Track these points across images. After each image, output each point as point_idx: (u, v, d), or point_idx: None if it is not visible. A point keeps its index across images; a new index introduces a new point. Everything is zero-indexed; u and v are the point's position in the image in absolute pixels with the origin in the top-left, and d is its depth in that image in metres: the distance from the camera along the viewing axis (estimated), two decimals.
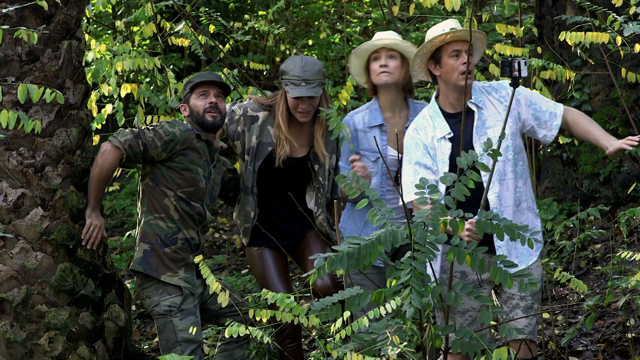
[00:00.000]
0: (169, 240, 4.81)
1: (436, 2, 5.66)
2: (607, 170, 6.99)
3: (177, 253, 4.82)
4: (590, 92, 7.19)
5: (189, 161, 4.79)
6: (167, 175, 4.80)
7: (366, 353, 3.63)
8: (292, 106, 4.95)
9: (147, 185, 4.86)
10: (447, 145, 4.41)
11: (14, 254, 4.69)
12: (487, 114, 4.42)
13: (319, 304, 3.70)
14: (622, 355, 5.45)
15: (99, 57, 6.25)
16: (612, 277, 5.73)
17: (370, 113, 4.93)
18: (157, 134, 4.73)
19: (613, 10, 5.33)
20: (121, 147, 4.70)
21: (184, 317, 4.77)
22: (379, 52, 4.88)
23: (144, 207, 4.87)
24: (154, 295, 4.80)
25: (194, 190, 4.82)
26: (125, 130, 4.75)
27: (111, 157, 4.71)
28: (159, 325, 4.81)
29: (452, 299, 3.66)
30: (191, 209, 4.83)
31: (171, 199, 4.80)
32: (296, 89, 4.89)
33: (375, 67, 4.87)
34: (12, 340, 4.66)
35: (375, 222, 3.68)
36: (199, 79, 4.89)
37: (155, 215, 4.82)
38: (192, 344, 4.78)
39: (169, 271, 4.79)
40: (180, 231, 4.83)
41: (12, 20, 4.69)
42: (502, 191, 4.37)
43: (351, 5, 9.80)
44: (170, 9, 8.57)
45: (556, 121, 4.45)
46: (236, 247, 8.39)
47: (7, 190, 4.71)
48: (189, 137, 4.79)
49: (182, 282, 4.79)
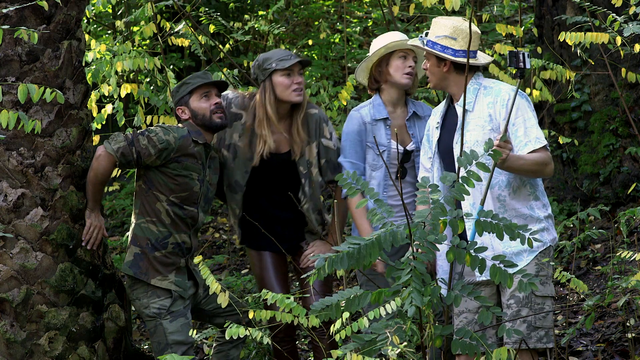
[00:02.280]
0: (159, 245, 4.80)
1: (436, 2, 5.66)
2: (607, 170, 6.99)
3: (168, 257, 4.80)
4: (590, 92, 7.19)
5: (183, 167, 4.77)
6: (160, 179, 4.78)
7: (366, 353, 3.63)
8: (286, 85, 4.90)
9: (140, 187, 4.84)
10: (437, 133, 4.54)
11: (14, 254, 4.68)
12: (471, 117, 4.41)
13: (319, 304, 3.70)
14: (622, 355, 5.45)
15: (99, 57, 6.25)
16: (612, 277, 5.73)
17: (374, 107, 4.94)
18: (151, 142, 4.70)
19: (613, 10, 5.34)
20: (114, 155, 4.69)
21: (174, 320, 4.77)
22: (407, 52, 4.89)
23: (136, 209, 4.86)
24: (143, 298, 4.79)
25: (187, 195, 4.81)
26: (120, 136, 4.71)
27: (105, 163, 4.71)
28: (150, 327, 4.81)
29: (452, 299, 3.66)
30: (184, 213, 4.81)
31: (163, 204, 4.78)
32: (288, 61, 4.88)
33: (400, 64, 4.87)
34: (12, 340, 4.66)
35: (375, 221, 3.68)
36: (200, 81, 4.85)
37: (147, 218, 4.81)
38: (183, 345, 4.77)
39: (159, 275, 4.78)
40: (171, 235, 4.81)
41: (12, 20, 4.69)
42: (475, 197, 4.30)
43: (351, 5, 9.80)
44: (170, 9, 8.57)
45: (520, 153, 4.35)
46: (236, 247, 8.39)
47: (7, 190, 4.71)
48: (184, 143, 4.76)
49: (172, 286, 4.78)
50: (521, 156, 4.25)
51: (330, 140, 5.02)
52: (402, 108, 4.98)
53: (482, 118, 4.36)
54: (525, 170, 4.28)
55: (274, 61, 4.90)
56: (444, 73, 4.45)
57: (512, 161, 4.18)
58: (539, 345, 4.30)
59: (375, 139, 4.79)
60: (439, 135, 4.52)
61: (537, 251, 4.35)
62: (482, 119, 4.36)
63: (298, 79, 4.90)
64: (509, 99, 4.33)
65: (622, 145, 7.00)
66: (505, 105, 4.33)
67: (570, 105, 7.20)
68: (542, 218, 4.38)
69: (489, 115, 4.36)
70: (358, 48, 9.61)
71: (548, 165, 4.32)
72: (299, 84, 4.89)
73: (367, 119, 4.93)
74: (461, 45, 4.39)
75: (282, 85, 4.90)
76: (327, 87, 7.70)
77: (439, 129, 4.53)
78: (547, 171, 4.33)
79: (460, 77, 4.42)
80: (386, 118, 4.92)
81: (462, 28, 4.41)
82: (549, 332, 4.32)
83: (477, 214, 3.69)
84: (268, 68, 4.91)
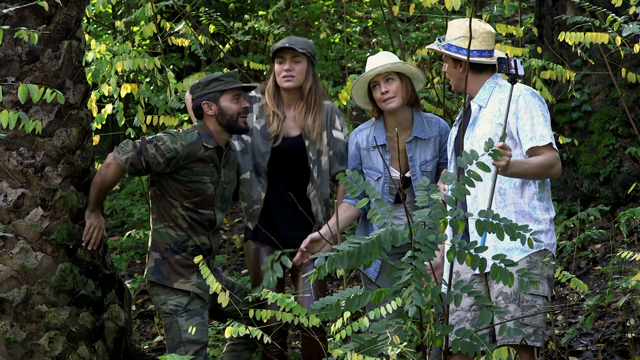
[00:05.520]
0: (178, 248, 4.81)
1: (436, 2, 5.66)
2: (607, 170, 6.99)
3: (188, 259, 4.81)
4: (590, 92, 7.19)
5: (194, 174, 4.77)
6: (172, 186, 4.77)
7: (366, 353, 3.63)
8: (278, 72, 5.00)
9: (155, 193, 4.85)
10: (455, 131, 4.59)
11: (14, 254, 4.69)
12: (483, 112, 4.43)
13: (319, 304, 3.70)
14: (622, 355, 5.45)
15: (99, 57, 6.25)
16: (612, 277, 5.73)
17: (375, 131, 4.91)
18: (158, 150, 4.69)
19: (613, 10, 5.34)
20: (123, 165, 4.70)
21: (190, 318, 4.77)
22: (377, 79, 4.83)
23: (153, 214, 4.87)
24: (162, 294, 4.80)
25: (201, 199, 4.80)
26: (128, 146, 4.71)
27: (113, 171, 4.73)
28: (166, 324, 4.82)
29: (452, 299, 3.66)
30: (200, 216, 4.82)
31: (178, 209, 4.79)
32: (279, 45, 5.00)
33: (377, 95, 4.83)
34: (12, 340, 4.66)
35: (375, 221, 3.68)
36: (236, 84, 4.84)
37: (165, 223, 4.82)
38: (196, 344, 4.77)
39: (181, 278, 4.80)
40: (190, 238, 4.82)
41: (12, 20, 4.69)
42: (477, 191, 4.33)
43: (351, 5, 9.80)
44: (170, 9, 8.57)
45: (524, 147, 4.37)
46: (236, 247, 8.39)
47: (7, 190, 4.71)
48: (193, 150, 4.75)
49: (195, 289, 4.80)
50: (525, 161, 4.27)
51: (341, 132, 5.05)
52: (406, 132, 4.92)
53: (492, 112, 4.40)
54: (530, 174, 4.29)
55: (276, 47, 5.05)
56: (461, 74, 4.47)
57: (516, 167, 4.19)
58: (528, 342, 4.29)
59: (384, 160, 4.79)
60: (456, 133, 4.56)
61: (530, 251, 4.34)
62: (492, 114, 4.39)
63: (286, 66, 4.98)
64: (519, 95, 4.34)
65: (622, 145, 7.00)
66: (516, 101, 4.34)
67: (570, 105, 7.20)
68: (540, 220, 4.37)
69: (498, 110, 4.40)
70: (358, 48, 9.62)
71: (554, 167, 4.32)
72: (287, 70, 4.97)
73: (363, 144, 4.93)
74: (475, 45, 4.41)
75: (276, 72, 5.04)
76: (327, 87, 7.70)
77: (457, 126, 4.57)
78: (554, 172, 4.34)
79: (477, 77, 4.47)
80: (384, 144, 4.90)
81: (476, 28, 4.44)
82: (537, 330, 4.31)
83: (478, 214, 3.68)
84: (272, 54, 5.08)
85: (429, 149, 4.90)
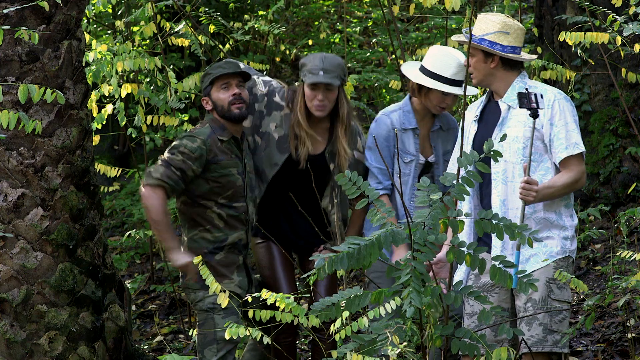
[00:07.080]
0: (217, 248, 4.79)
1: (436, 2, 5.66)
2: (607, 170, 6.98)
3: (227, 257, 4.80)
4: (590, 92, 7.19)
5: (222, 167, 4.75)
6: (203, 188, 4.74)
7: (366, 353, 3.63)
8: (309, 98, 4.86)
9: (185, 203, 4.80)
10: (474, 127, 4.49)
11: (14, 254, 4.69)
12: (513, 113, 4.39)
13: (319, 304, 3.70)
14: (622, 355, 5.45)
15: (100, 57, 6.25)
16: (612, 277, 5.72)
17: (404, 115, 4.93)
18: (184, 155, 4.68)
19: (613, 10, 5.33)
20: (161, 183, 4.64)
21: (227, 316, 4.72)
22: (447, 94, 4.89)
23: (185, 224, 4.83)
24: (199, 291, 4.75)
25: (233, 192, 4.78)
26: (153, 168, 4.68)
27: (157, 196, 4.65)
28: (200, 319, 4.78)
29: (452, 299, 3.66)
30: (236, 210, 4.80)
31: (214, 209, 4.76)
32: (313, 77, 4.83)
33: (439, 100, 4.86)
34: (12, 340, 4.66)
35: (375, 221, 3.68)
36: (219, 71, 4.78)
37: (199, 229, 4.78)
38: (229, 344, 4.73)
39: (225, 279, 4.75)
40: (227, 237, 4.80)
41: (12, 20, 4.69)
42: (507, 193, 4.32)
43: (351, 5, 9.79)
44: (170, 9, 8.56)
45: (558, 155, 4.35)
46: None
47: (7, 190, 4.71)
48: (212, 143, 4.74)
49: (237, 289, 4.77)
50: (550, 185, 4.26)
51: (363, 154, 5.02)
52: (429, 119, 4.97)
53: (524, 115, 4.31)
54: (556, 196, 4.30)
55: (305, 71, 4.89)
56: (491, 69, 4.40)
57: (543, 195, 4.23)
58: (555, 349, 4.28)
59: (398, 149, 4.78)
60: (476, 129, 4.49)
61: (557, 257, 4.34)
62: (524, 116, 4.31)
63: (320, 96, 4.85)
64: (554, 100, 4.31)
65: (622, 145, 7.00)
66: (551, 106, 4.31)
67: None
68: (567, 226, 4.37)
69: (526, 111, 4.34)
70: (358, 48, 9.61)
71: (579, 182, 4.33)
72: (320, 100, 4.86)
73: (397, 125, 4.93)
74: (510, 41, 4.38)
75: (307, 97, 4.89)
76: None
77: (476, 123, 4.49)
78: (578, 186, 4.36)
79: (507, 74, 4.41)
80: (415, 128, 4.93)
81: (510, 24, 4.39)
82: (564, 336, 4.31)
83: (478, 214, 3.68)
84: (303, 71, 4.91)
85: (451, 140, 4.94)
